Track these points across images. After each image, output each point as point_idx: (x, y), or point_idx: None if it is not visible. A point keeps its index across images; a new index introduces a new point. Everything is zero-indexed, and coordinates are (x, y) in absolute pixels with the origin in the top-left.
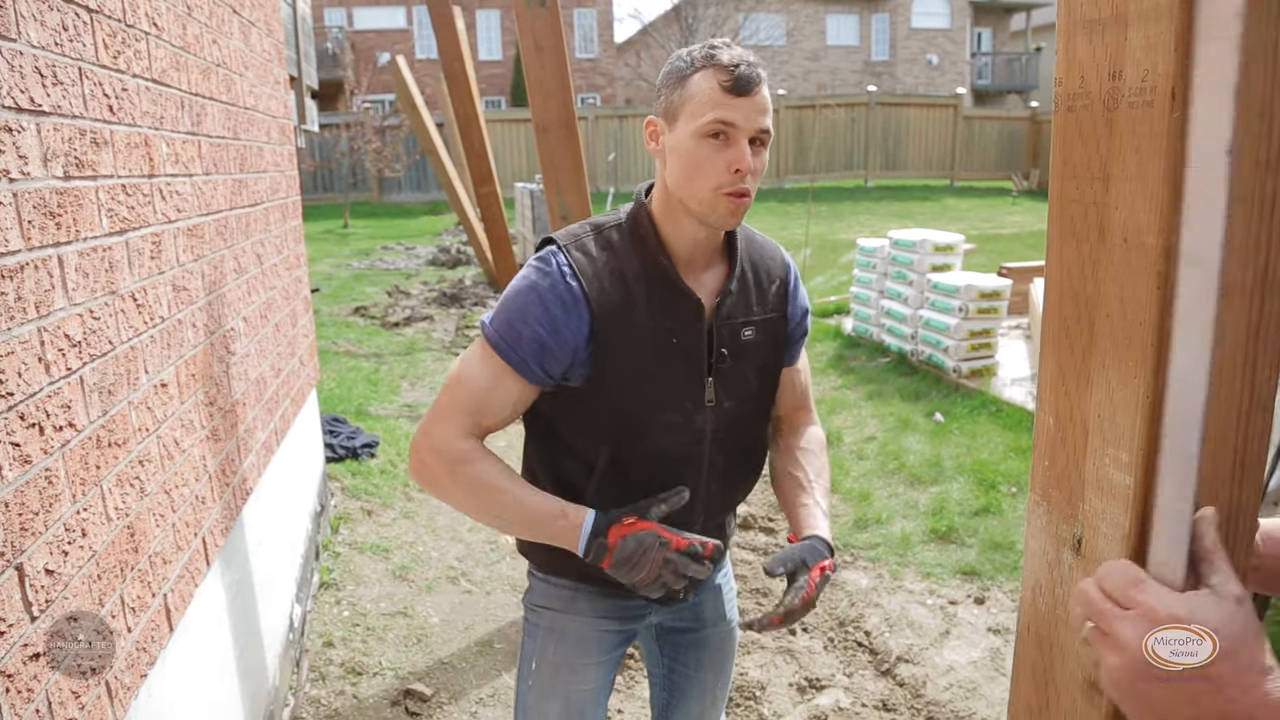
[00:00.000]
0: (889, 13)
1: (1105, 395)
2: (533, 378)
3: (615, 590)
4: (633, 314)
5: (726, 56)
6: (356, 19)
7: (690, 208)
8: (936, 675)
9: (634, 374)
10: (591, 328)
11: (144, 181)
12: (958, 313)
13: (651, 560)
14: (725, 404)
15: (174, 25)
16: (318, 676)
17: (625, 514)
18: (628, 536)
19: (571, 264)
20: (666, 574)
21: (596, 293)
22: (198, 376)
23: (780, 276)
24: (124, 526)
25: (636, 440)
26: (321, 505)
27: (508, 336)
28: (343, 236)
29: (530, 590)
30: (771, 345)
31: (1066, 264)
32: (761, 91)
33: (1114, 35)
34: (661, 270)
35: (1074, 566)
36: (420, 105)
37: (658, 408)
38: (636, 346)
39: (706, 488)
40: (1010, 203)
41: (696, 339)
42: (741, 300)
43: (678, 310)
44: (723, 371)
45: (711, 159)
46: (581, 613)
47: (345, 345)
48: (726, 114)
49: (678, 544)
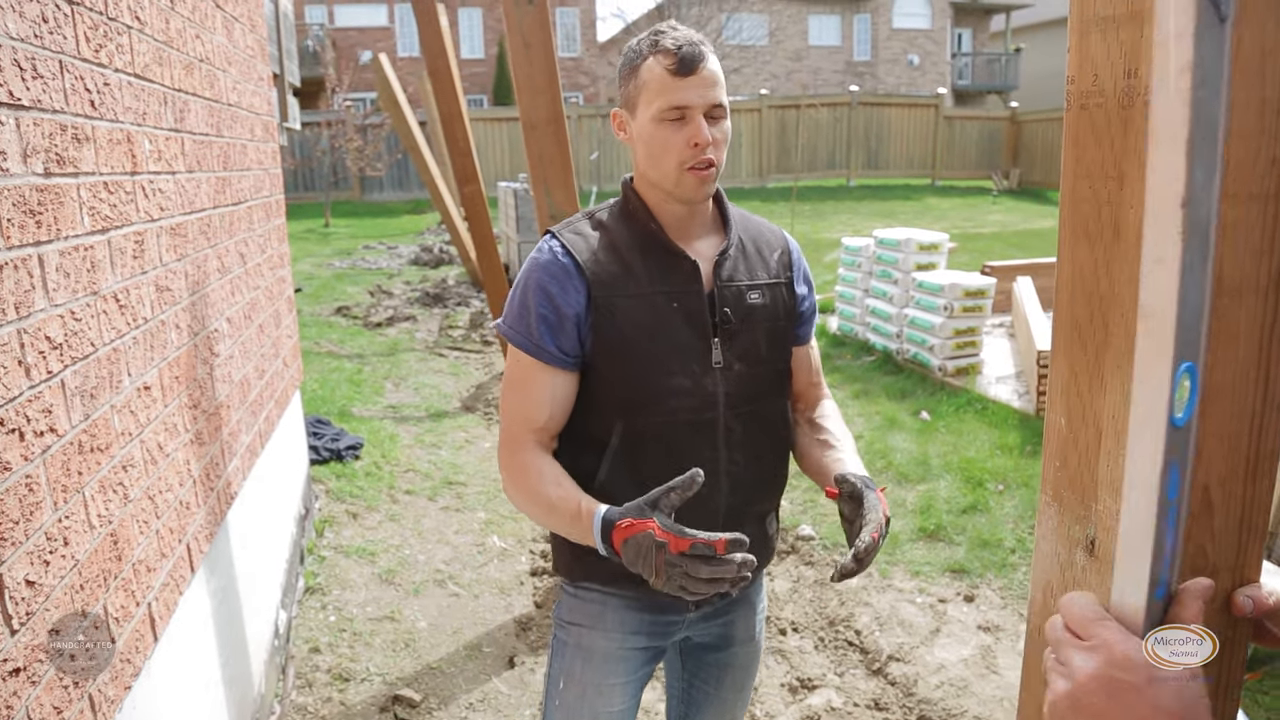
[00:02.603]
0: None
1: (1120, 396)
2: (555, 360)
3: (645, 601)
4: (630, 281)
5: (669, 41)
6: (338, 16)
7: (665, 187)
8: (928, 673)
9: (638, 339)
10: (589, 296)
11: (126, 179)
12: (943, 311)
13: (655, 565)
14: (735, 366)
15: (157, 19)
16: (304, 683)
17: (626, 514)
18: (627, 541)
19: (564, 243)
20: (676, 579)
21: (590, 263)
22: (181, 379)
23: (780, 246)
24: (107, 534)
25: (648, 408)
26: (306, 508)
27: (519, 326)
28: (324, 236)
29: (559, 605)
30: (781, 310)
31: (1079, 264)
32: (707, 67)
33: (1129, 32)
34: (652, 235)
35: (1087, 568)
36: (403, 103)
37: (665, 372)
38: (637, 312)
39: (728, 458)
40: (991, 202)
41: (697, 301)
42: (742, 264)
43: (674, 273)
44: (729, 333)
45: (672, 139)
46: (609, 629)
47: (328, 346)
48: (677, 97)
49: (676, 546)
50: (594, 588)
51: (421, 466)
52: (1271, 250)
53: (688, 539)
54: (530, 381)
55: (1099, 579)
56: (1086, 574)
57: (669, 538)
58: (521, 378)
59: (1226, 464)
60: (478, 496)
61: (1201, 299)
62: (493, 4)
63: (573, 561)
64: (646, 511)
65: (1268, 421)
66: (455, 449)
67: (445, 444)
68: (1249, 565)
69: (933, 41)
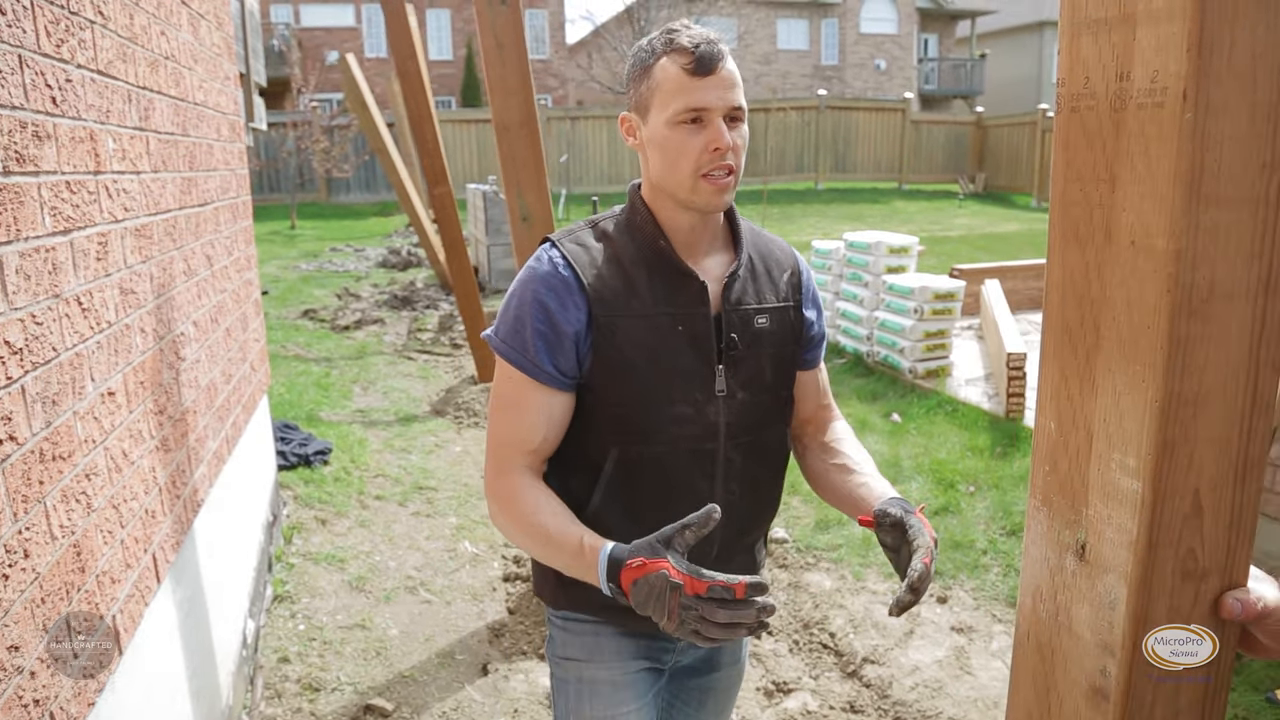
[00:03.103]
0: (838, 18)
1: (1112, 400)
2: (552, 380)
3: (640, 628)
4: (633, 300)
5: (686, 39)
6: (304, 16)
7: (678, 196)
8: (902, 675)
9: (640, 362)
10: (590, 315)
11: (89, 178)
12: (913, 314)
13: (668, 608)
14: (739, 395)
15: (120, 14)
16: (273, 694)
17: (636, 552)
18: (638, 581)
19: (565, 254)
20: (690, 623)
21: (592, 279)
22: (146, 384)
23: (790, 266)
24: (70, 545)
25: (647, 435)
26: (274, 515)
27: (513, 341)
28: (290, 238)
29: (551, 640)
30: (788, 335)
31: (1070, 267)
32: (726, 67)
33: (1121, 35)
34: (660, 253)
35: (1077, 572)
36: (370, 104)
37: (666, 399)
38: (639, 333)
39: (725, 489)
40: (957, 205)
41: (703, 324)
42: (751, 286)
43: (680, 294)
44: (734, 359)
45: (688, 143)
46: (608, 660)
47: (294, 349)
48: (695, 98)
49: (693, 588)
50: (583, 618)
51: (391, 471)
52: (1262, 254)
53: (705, 581)
54: (524, 401)
55: (1090, 584)
56: (1077, 579)
57: (685, 579)
58: (514, 397)
59: (1216, 468)
60: (449, 501)
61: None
62: (461, 5)
63: (558, 590)
64: (659, 550)
65: (1256, 425)
66: (425, 453)
67: (415, 448)
68: (1238, 568)
69: (899, 46)
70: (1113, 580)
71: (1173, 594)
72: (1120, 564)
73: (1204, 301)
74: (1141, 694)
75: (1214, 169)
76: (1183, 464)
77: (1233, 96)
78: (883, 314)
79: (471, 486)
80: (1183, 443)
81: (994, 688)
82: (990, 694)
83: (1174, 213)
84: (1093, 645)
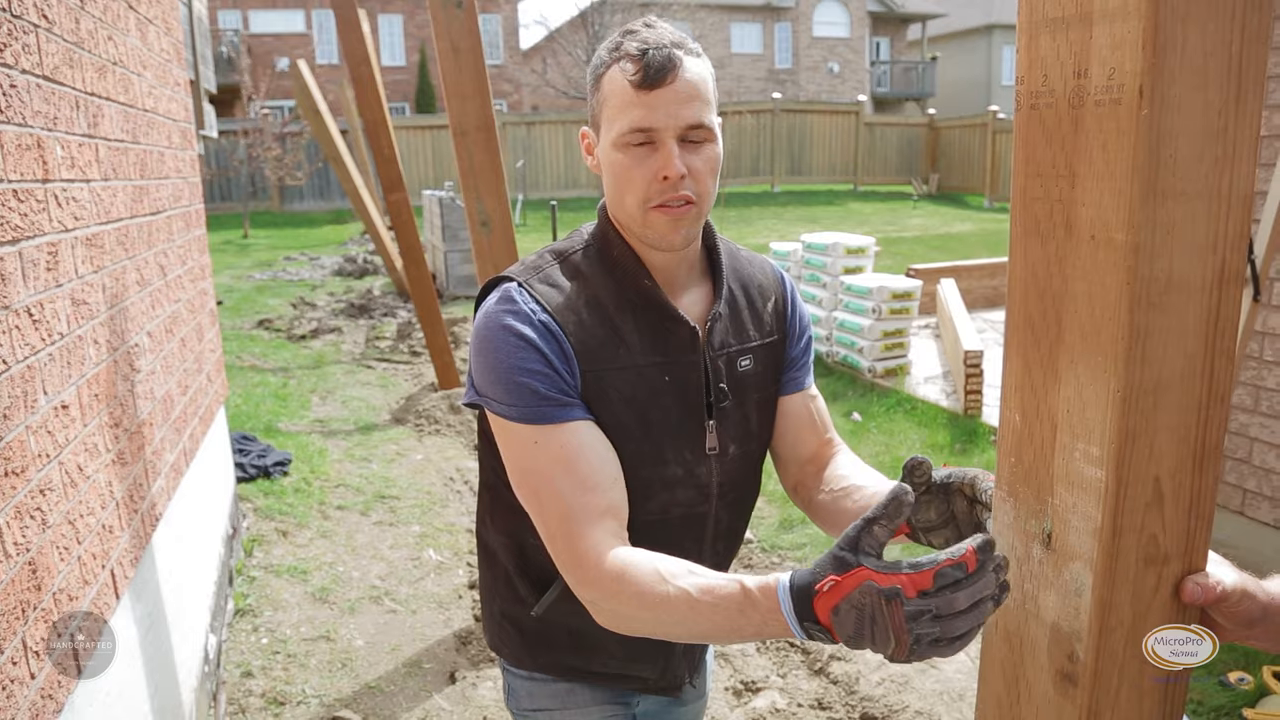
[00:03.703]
0: (791, 21)
1: (1075, 390)
2: (572, 410)
3: (611, 684)
4: (621, 350)
5: (634, 44)
6: (253, 22)
7: (632, 230)
8: (869, 671)
9: (631, 422)
10: (580, 371)
11: (38, 186)
12: (871, 314)
13: (893, 628)
14: (730, 450)
15: (66, 18)
16: (237, 709)
17: (822, 572)
18: (839, 608)
19: (536, 297)
20: (928, 633)
21: (575, 328)
22: (101, 396)
23: (775, 293)
24: (25, 563)
25: (637, 502)
26: (234, 528)
27: (514, 394)
28: (243, 247)
29: (513, 693)
30: (771, 375)
31: (1031, 261)
32: (682, 77)
33: (1078, 33)
34: (646, 295)
35: (1044, 561)
36: (324, 111)
37: (658, 461)
38: (629, 387)
39: (713, 549)
40: (912, 206)
41: (693, 373)
42: (734, 325)
43: (669, 341)
44: (724, 411)
45: (634, 171)
46: (584, 704)
47: (250, 359)
48: (640, 116)
49: (916, 585)
50: (550, 679)
51: (352, 481)
52: (1216, 247)
53: (928, 570)
54: (563, 452)
55: (1056, 572)
56: (1044, 567)
57: (901, 579)
58: (547, 456)
59: (1175, 456)
60: (411, 510)
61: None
62: (414, 10)
63: (525, 652)
64: (850, 560)
65: (1213, 414)
66: (386, 462)
67: (376, 457)
68: (1197, 553)
69: (852, 50)
70: (1078, 567)
71: (1136, 579)
72: (1086, 551)
73: (1162, 293)
74: (1107, 677)
75: (1170, 164)
76: (1144, 452)
77: (1186, 93)
78: (841, 314)
79: (434, 494)
80: (1143, 431)
81: (958, 681)
82: (955, 687)
83: (1132, 207)
84: (1060, 631)
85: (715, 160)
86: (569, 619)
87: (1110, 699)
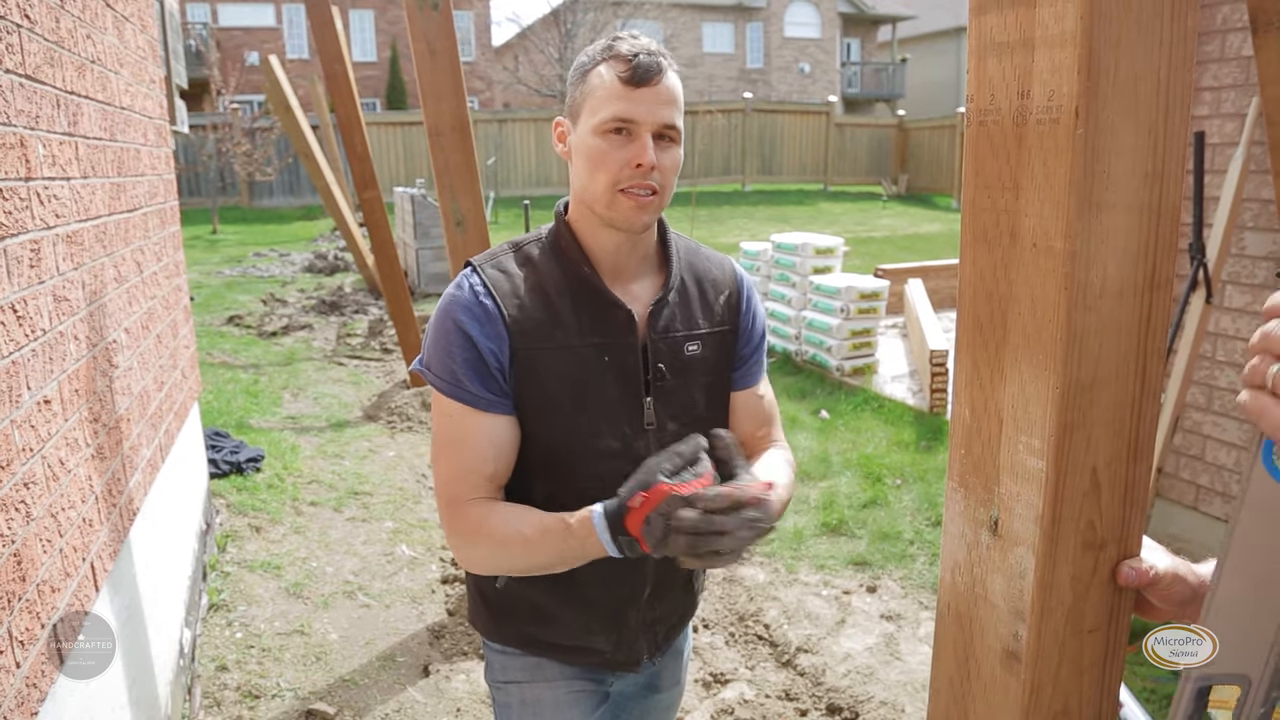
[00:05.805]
0: (763, 21)
1: (1018, 388)
2: (491, 406)
3: (580, 659)
4: (556, 331)
5: (625, 47)
6: (222, 15)
7: (596, 210)
8: (835, 663)
9: (564, 397)
10: (511, 349)
11: (20, 185)
12: (839, 313)
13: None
14: (669, 426)
15: (47, 17)
16: (212, 703)
17: (629, 494)
18: (649, 518)
19: (485, 281)
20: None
21: (514, 309)
22: (81, 392)
23: (729, 288)
24: (10, 555)
25: (572, 472)
26: (207, 523)
27: (444, 373)
28: (212, 243)
29: (490, 666)
30: (723, 362)
31: (980, 267)
32: (664, 82)
33: (1022, 58)
34: (585, 281)
35: (991, 546)
36: (294, 106)
37: (592, 434)
38: (563, 366)
39: None
40: (881, 206)
41: (630, 355)
42: (682, 312)
43: (607, 324)
44: (663, 390)
45: (611, 155)
46: (551, 678)
47: (221, 356)
48: (625, 108)
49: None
50: (519, 653)
51: (325, 477)
52: (1147, 255)
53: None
54: (467, 432)
55: (1002, 556)
56: (991, 552)
57: (692, 486)
58: (456, 430)
59: (1111, 447)
60: (384, 506)
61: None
62: (385, 6)
63: (492, 624)
64: (653, 478)
65: (1146, 408)
66: (359, 459)
67: (348, 454)
68: (1132, 539)
69: (823, 50)
70: (1022, 552)
71: (1075, 563)
72: (1028, 537)
73: (1097, 297)
74: (1049, 655)
75: (1104, 179)
76: (1081, 444)
77: (1118, 114)
78: (810, 314)
79: (407, 490)
80: (1081, 425)
81: (922, 671)
82: (919, 678)
83: (1069, 218)
84: (1006, 612)
85: (678, 161)
86: (527, 590)
87: (1051, 675)
